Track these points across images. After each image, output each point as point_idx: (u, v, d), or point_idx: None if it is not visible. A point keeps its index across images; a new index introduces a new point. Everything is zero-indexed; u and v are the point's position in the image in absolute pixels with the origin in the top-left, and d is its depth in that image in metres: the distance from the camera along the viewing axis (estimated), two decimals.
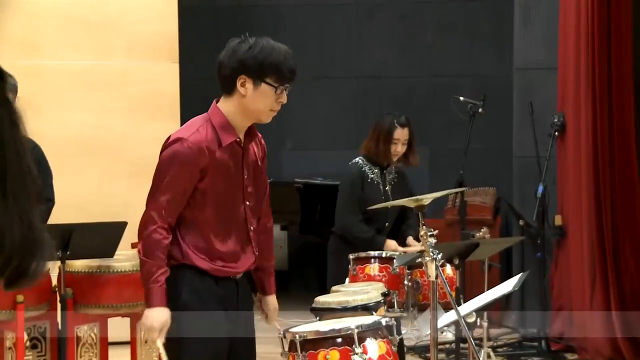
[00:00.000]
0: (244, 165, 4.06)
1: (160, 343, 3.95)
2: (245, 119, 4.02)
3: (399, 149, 6.36)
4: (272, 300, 4.26)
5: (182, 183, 3.88)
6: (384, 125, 6.36)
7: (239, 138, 4.01)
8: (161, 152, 3.97)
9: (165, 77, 8.41)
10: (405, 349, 6.21)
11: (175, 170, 3.87)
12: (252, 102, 3.95)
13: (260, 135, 4.18)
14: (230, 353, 4.12)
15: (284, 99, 3.99)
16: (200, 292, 4.00)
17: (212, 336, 4.04)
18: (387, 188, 6.39)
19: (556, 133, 8.01)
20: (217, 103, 4.02)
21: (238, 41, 3.96)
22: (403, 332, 5.50)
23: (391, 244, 6.22)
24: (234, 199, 4.05)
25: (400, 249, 6.18)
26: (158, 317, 3.91)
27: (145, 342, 4.11)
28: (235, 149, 4.01)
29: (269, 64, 3.89)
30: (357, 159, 6.45)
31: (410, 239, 6.26)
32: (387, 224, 6.35)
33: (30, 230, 1.49)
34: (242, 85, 3.90)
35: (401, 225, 6.44)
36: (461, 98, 7.91)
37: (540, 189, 7.86)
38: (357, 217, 6.28)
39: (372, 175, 6.38)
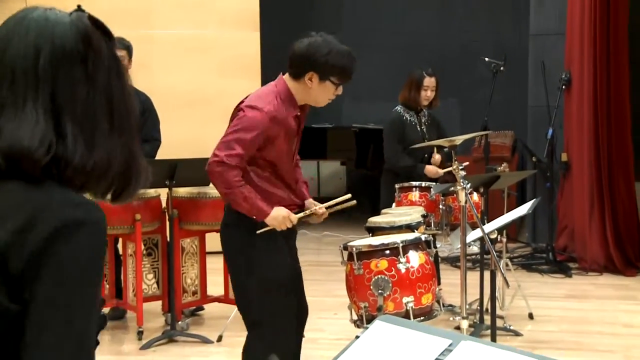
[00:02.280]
0: (298, 133, 4.03)
1: (295, 218, 3.96)
2: (304, 100, 3.96)
3: (428, 94, 6.30)
4: (310, 201, 4.24)
5: (254, 145, 3.81)
6: (415, 76, 6.31)
7: (299, 112, 3.99)
8: (238, 110, 3.92)
9: (249, 44, 8.45)
10: (439, 260, 6.22)
11: (252, 134, 3.79)
12: (315, 93, 3.90)
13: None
14: (296, 278, 4.16)
15: (340, 91, 3.95)
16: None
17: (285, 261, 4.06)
18: (422, 127, 6.36)
19: (563, 87, 8.04)
20: (284, 77, 3.94)
21: (314, 40, 3.86)
22: (438, 246, 5.50)
23: (431, 168, 6.20)
24: (289, 158, 4.02)
25: (441, 171, 6.16)
26: (277, 213, 3.86)
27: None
28: (294, 121, 3.97)
29: (336, 68, 3.83)
30: (396, 107, 6.42)
31: (429, 167, 6.22)
32: (425, 155, 6.33)
33: (132, 157, 1.51)
34: (310, 79, 3.84)
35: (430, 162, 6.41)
36: (486, 59, 7.85)
37: (550, 132, 7.86)
38: (399, 151, 6.26)
39: (410, 118, 6.35)
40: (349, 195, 4.20)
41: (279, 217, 3.86)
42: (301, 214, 4.04)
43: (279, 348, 3.92)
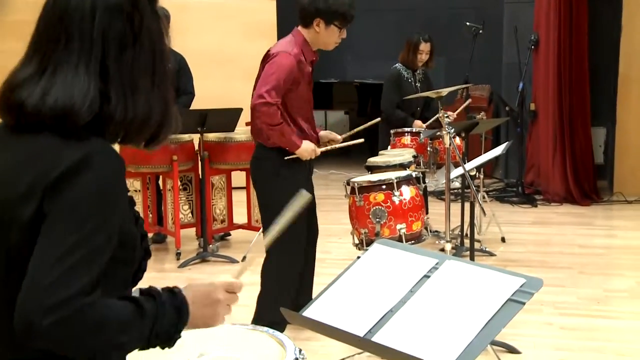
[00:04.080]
0: (311, 76, 4.02)
1: (319, 151, 4.02)
2: (316, 45, 3.95)
3: (423, 57, 6.25)
4: (323, 133, 4.23)
5: (287, 84, 3.81)
6: (413, 40, 6.25)
7: (314, 58, 3.97)
8: (268, 58, 3.89)
9: (267, 11, 8.37)
10: (427, 193, 6.22)
11: (285, 75, 3.79)
12: (323, 37, 3.89)
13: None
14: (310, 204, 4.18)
15: (344, 35, 3.95)
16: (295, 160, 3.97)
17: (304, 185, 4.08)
18: (417, 84, 6.32)
19: (532, 47, 7.97)
20: (299, 29, 3.93)
21: None
22: (426, 181, 5.50)
23: (417, 122, 6.19)
24: (308, 98, 4.02)
25: (423, 125, 6.15)
26: (307, 146, 3.93)
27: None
28: (310, 66, 3.96)
29: (339, 13, 3.82)
30: (396, 65, 6.36)
31: (416, 122, 6.20)
32: (418, 108, 6.30)
33: (166, 108, 1.47)
34: (317, 25, 3.85)
35: (424, 112, 6.38)
36: (468, 23, 7.82)
37: (521, 85, 7.82)
38: (394, 104, 6.23)
39: (407, 76, 6.30)
40: (361, 140, 4.32)
41: (308, 149, 3.93)
42: (323, 148, 4.11)
43: (289, 263, 3.98)
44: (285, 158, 3.91)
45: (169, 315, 1.40)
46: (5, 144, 1.40)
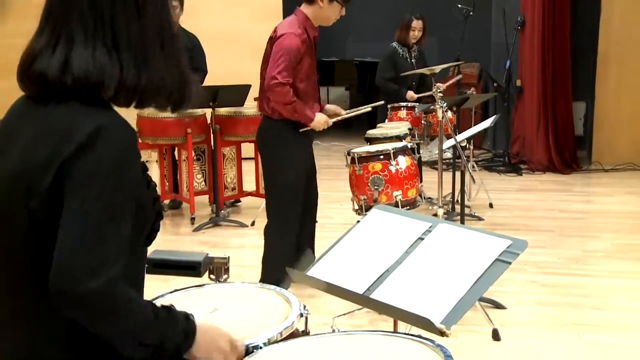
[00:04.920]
0: (314, 50, 3.98)
1: (331, 121, 4.02)
2: (319, 21, 3.91)
3: (416, 33, 6.22)
4: (328, 106, 4.21)
5: (295, 62, 3.79)
6: (406, 19, 6.24)
7: (316, 34, 3.94)
8: (275, 39, 3.86)
9: None
10: (421, 162, 6.21)
11: (293, 54, 3.77)
12: (326, 12, 3.86)
13: None
14: (311, 173, 4.18)
15: (344, 12, 3.91)
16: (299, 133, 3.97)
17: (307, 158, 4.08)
18: (412, 61, 6.28)
19: (519, 28, 7.90)
20: (300, 8, 3.89)
21: None
22: (421, 152, 5.48)
23: (409, 93, 6.16)
24: (312, 71, 3.99)
25: (415, 96, 6.12)
26: (320, 118, 3.95)
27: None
28: (312, 41, 3.93)
29: None
30: (392, 43, 6.34)
31: (409, 93, 6.17)
32: (413, 83, 6.27)
33: (181, 75, 1.44)
34: (322, 0, 3.81)
35: (419, 87, 6.35)
36: (459, 5, 7.75)
37: (508, 63, 7.78)
38: (388, 78, 6.20)
39: (402, 53, 6.27)
40: (369, 108, 4.34)
41: (321, 120, 3.95)
42: (334, 119, 4.11)
43: (288, 227, 3.99)
44: (300, 130, 3.92)
45: (177, 336, 1.38)
46: (26, 115, 1.38)
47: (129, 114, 1.56)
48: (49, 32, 1.36)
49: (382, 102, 4.75)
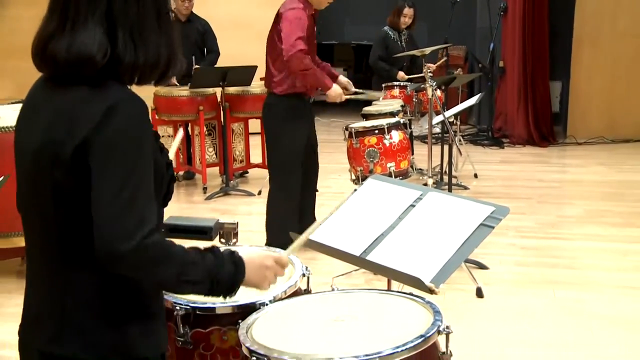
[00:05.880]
0: (314, 28, 3.94)
1: (345, 97, 3.98)
2: (315, 5, 3.87)
3: (406, 20, 6.15)
4: (340, 77, 4.16)
5: (305, 31, 3.75)
6: (399, 5, 6.17)
7: (313, 12, 3.89)
8: (280, 17, 3.81)
9: None
10: (413, 137, 6.19)
11: (301, 25, 3.74)
12: None
13: None
14: (313, 146, 4.16)
15: None
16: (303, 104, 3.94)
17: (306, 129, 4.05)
18: (402, 44, 6.21)
19: (502, 13, 7.82)
20: None
21: None
22: (412, 127, 5.45)
23: (400, 73, 6.11)
24: (314, 47, 3.95)
25: (405, 76, 6.07)
26: (336, 88, 3.93)
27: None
28: (312, 19, 3.89)
29: None
30: (384, 27, 6.27)
31: (400, 73, 6.11)
32: (405, 64, 6.21)
33: (172, 52, 1.38)
34: None
35: (411, 67, 6.29)
36: None
37: (491, 45, 7.71)
38: (378, 58, 6.14)
39: (393, 36, 6.21)
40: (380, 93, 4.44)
41: (337, 90, 3.93)
42: (348, 96, 4.07)
43: (290, 193, 3.98)
44: (313, 99, 3.89)
45: (228, 266, 1.37)
46: (46, 94, 1.36)
47: (146, 93, 1.53)
48: (56, 16, 1.32)
49: (380, 95, 4.66)
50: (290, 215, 4.00)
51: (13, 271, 4.02)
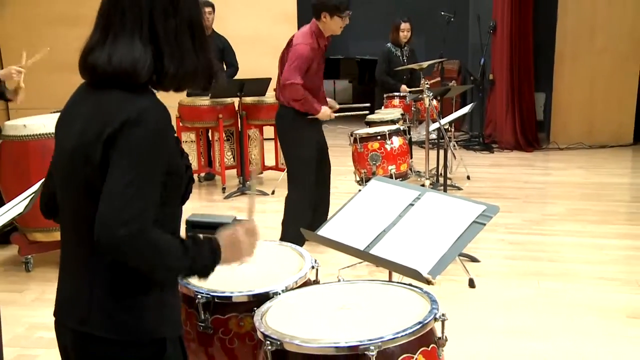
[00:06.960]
0: (324, 56, 3.93)
1: (334, 115, 3.97)
2: (327, 33, 3.85)
3: (405, 34, 6.10)
4: (330, 100, 4.15)
5: (307, 67, 3.77)
6: (396, 22, 6.13)
7: (326, 42, 3.88)
8: (290, 47, 3.81)
9: (289, 2, 8.14)
10: (412, 142, 6.18)
11: (305, 60, 3.75)
12: (330, 26, 3.80)
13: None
14: (324, 149, 4.15)
15: (347, 21, 3.83)
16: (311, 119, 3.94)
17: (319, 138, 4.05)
18: (404, 58, 6.19)
19: (491, 31, 7.76)
20: (314, 20, 3.83)
21: None
22: (411, 133, 5.44)
23: (403, 87, 6.09)
24: (320, 76, 3.95)
25: (407, 90, 6.06)
26: (325, 110, 3.91)
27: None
28: (323, 49, 3.88)
29: (336, 5, 3.72)
30: (387, 44, 6.25)
31: (403, 87, 6.10)
32: (404, 77, 6.20)
33: (209, 64, 1.39)
34: (324, 17, 3.76)
35: (410, 79, 6.28)
36: (442, 12, 7.65)
37: (482, 60, 7.67)
38: (384, 74, 6.12)
39: (395, 52, 6.18)
40: (367, 105, 4.37)
41: (326, 112, 3.92)
42: (336, 114, 4.04)
43: (304, 194, 3.97)
44: (308, 117, 3.89)
45: (205, 255, 1.37)
46: (84, 98, 1.38)
47: (171, 102, 1.53)
48: (100, 29, 1.35)
49: (368, 104, 4.61)
50: (304, 213, 4.00)
51: (54, 262, 4.03)
